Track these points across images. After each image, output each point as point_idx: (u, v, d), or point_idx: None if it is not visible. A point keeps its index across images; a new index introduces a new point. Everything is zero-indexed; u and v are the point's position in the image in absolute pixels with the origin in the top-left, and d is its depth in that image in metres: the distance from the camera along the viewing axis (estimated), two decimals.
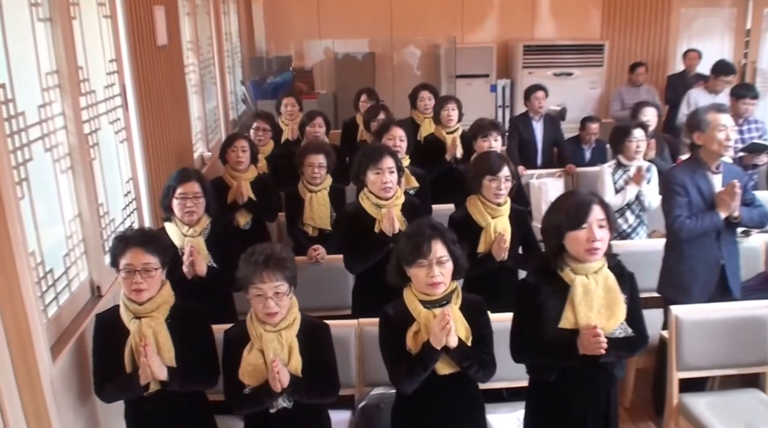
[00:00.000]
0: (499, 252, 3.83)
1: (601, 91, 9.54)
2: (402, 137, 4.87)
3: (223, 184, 4.80)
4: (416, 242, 2.82)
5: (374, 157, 3.84)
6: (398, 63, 9.80)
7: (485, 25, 9.75)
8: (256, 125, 5.71)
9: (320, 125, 5.85)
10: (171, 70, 4.81)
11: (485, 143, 4.91)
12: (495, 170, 3.86)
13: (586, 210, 2.76)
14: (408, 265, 2.85)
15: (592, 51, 9.40)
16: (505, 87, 9.51)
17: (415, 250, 2.81)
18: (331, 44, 9.58)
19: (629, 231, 5.18)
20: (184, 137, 5.12)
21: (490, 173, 3.86)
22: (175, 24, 5.04)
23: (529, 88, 7.03)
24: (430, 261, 2.80)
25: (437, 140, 5.86)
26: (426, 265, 2.81)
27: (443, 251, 2.84)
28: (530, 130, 7.03)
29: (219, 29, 6.95)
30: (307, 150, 4.75)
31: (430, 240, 2.81)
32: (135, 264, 2.82)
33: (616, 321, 2.82)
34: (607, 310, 2.80)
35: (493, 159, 3.93)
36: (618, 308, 2.81)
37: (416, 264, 2.82)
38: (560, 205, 2.85)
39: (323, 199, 4.73)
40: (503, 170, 3.87)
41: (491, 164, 3.89)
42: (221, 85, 7.02)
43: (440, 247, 2.83)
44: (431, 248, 2.81)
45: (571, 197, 2.85)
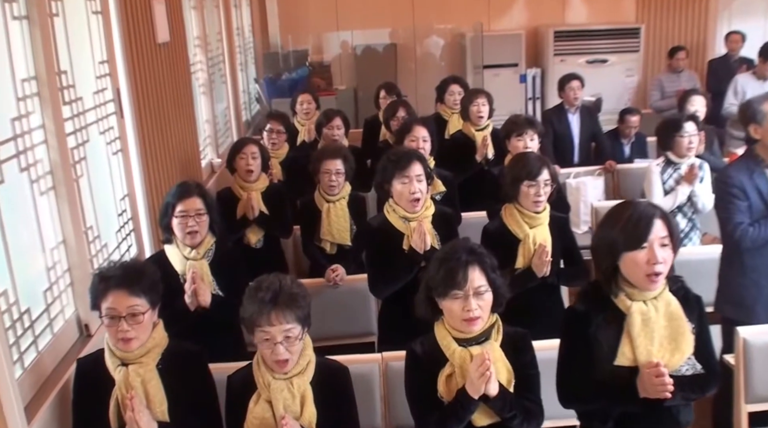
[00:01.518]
0: (540, 267, 3.43)
1: (638, 78, 9.05)
2: (426, 138, 4.47)
3: (231, 196, 4.43)
4: (450, 269, 2.43)
5: (401, 164, 3.45)
6: (421, 54, 9.38)
7: (513, 11, 9.29)
8: (269, 127, 5.33)
9: (339, 125, 5.46)
10: (174, 69, 4.45)
11: (520, 143, 4.50)
12: (533, 174, 3.46)
13: (647, 226, 2.34)
14: (440, 296, 2.47)
15: (627, 35, 8.90)
16: (536, 77, 9.04)
17: (449, 279, 2.42)
18: (349, 36, 9.18)
19: (681, 237, 4.74)
20: (190, 144, 4.76)
21: (527, 177, 3.47)
22: (179, 19, 4.67)
23: (563, 78, 6.59)
24: (466, 292, 2.42)
25: (466, 138, 5.46)
26: (461, 297, 2.42)
27: (482, 280, 2.45)
28: (565, 124, 6.60)
29: (229, 23, 6.58)
30: (323, 155, 4.36)
31: (466, 267, 2.43)
32: (119, 309, 2.45)
33: (682, 355, 2.41)
34: (671, 343, 2.40)
35: (530, 161, 3.53)
36: (684, 341, 2.41)
37: (450, 296, 2.44)
38: (614, 219, 2.42)
39: (342, 210, 4.35)
40: (542, 174, 3.47)
41: (529, 167, 3.49)
42: (232, 83, 6.65)
43: (478, 275, 2.45)
44: (467, 277, 2.42)
45: (627, 210, 2.41)
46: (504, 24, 9.21)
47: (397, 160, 3.47)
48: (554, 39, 8.81)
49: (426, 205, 3.52)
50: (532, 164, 3.51)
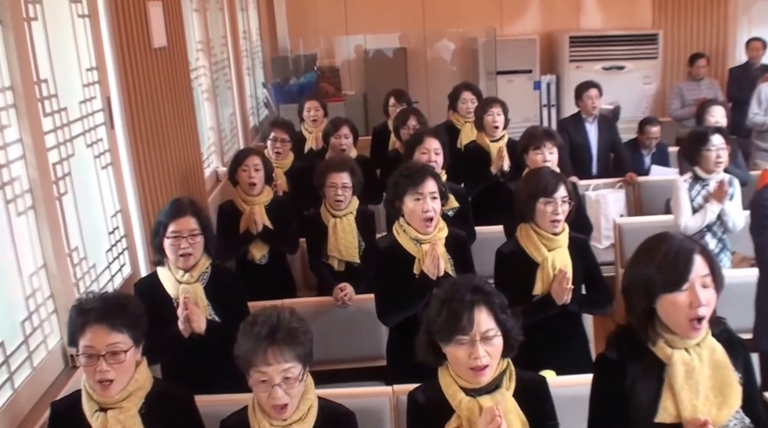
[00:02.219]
0: (560, 294, 3.14)
1: (656, 86, 8.71)
2: (438, 150, 4.19)
3: (234, 209, 4.17)
4: (453, 311, 2.14)
5: (414, 180, 3.18)
6: (432, 59, 9.08)
7: (526, 15, 8.97)
8: (273, 135, 5.06)
9: (346, 134, 5.18)
10: (173, 75, 4.17)
11: (538, 157, 4.20)
12: (549, 191, 3.17)
13: (686, 264, 2.03)
14: (443, 341, 2.18)
15: (645, 41, 8.57)
16: (550, 83, 8.72)
17: (453, 323, 2.13)
18: (359, 40, 8.89)
19: None
20: (191, 153, 4.49)
21: (543, 194, 3.18)
22: (178, 22, 4.40)
23: (580, 86, 6.30)
24: (473, 338, 2.12)
25: (480, 149, 5.18)
26: (467, 343, 2.13)
27: (490, 323, 2.15)
28: (583, 133, 6.31)
29: (234, 27, 6.30)
30: (328, 168, 4.09)
31: (471, 309, 2.13)
32: (98, 347, 2.17)
33: (730, 409, 2.09)
34: (717, 395, 2.09)
35: (545, 177, 3.24)
36: (732, 393, 2.09)
37: (454, 341, 2.14)
38: (649, 255, 2.11)
39: (349, 226, 4.08)
40: (559, 190, 3.19)
41: (544, 183, 3.20)
42: (239, 89, 6.38)
43: (486, 318, 2.15)
44: (473, 320, 2.12)
45: (662, 244, 2.09)
46: (517, 29, 8.90)
47: (410, 175, 3.20)
48: (570, 45, 8.49)
49: (439, 226, 3.26)
50: (548, 179, 3.22)
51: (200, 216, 3.07)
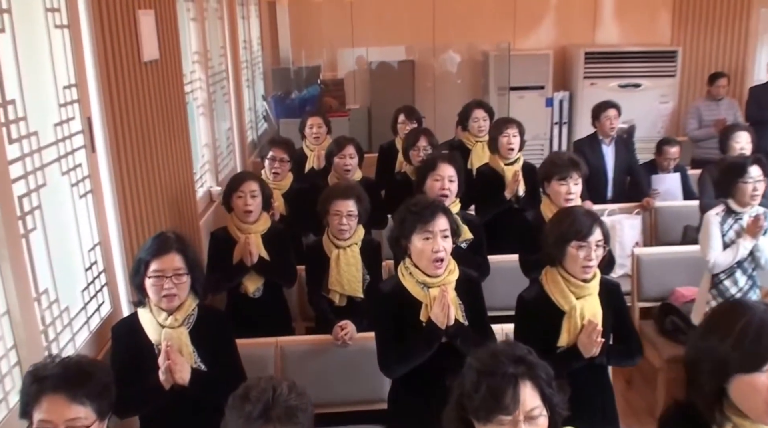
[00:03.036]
0: (589, 347, 2.83)
1: (673, 105, 8.39)
2: (452, 177, 3.88)
3: (227, 237, 3.85)
4: (494, 388, 1.80)
5: (423, 216, 2.87)
6: (440, 72, 8.76)
7: (540, 29, 8.64)
8: (272, 155, 4.74)
9: (351, 154, 4.85)
10: (164, 91, 3.85)
11: (562, 188, 3.88)
12: (584, 234, 2.86)
13: None
14: (481, 421, 1.84)
15: (663, 59, 8.25)
16: (563, 100, 8.39)
17: (494, 401, 1.79)
18: (365, 53, 8.56)
19: (739, 297, 4.12)
20: (183, 174, 4.16)
21: (576, 237, 2.86)
22: (173, 32, 4.08)
23: (599, 106, 6.00)
24: (516, 418, 1.79)
25: (493, 172, 4.88)
26: (508, 423, 1.80)
27: (535, 401, 1.82)
28: (599, 155, 6.01)
29: (234, 36, 5.98)
30: (332, 194, 3.77)
31: (516, 385, 1.80)
32: (55, 421, 1.85)
33: None
34: None
35: (579, 219, 2.91)
36: None
37: (494, 422, 1.80)
38: (724, 329, 1.80)
39: (353, 257, 3.77)
40: (594, 233, 2.87)
41: (578, 225, 2.88)
42: (237, 102, 6.05)
43: (531, 394, 1.82)
44: (518, 398, 1.79)
45: (741, 316, 1.79)
46: (530, 43, 8.58)
47: (419, 212, 2.88)
48: (585, 60, 8.16)
49: (449, 267, 2.93)
50: (582, 221, 2.90)
51: (186, 253, 2.75)
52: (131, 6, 3.35)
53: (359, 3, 8.00)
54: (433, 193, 3.84)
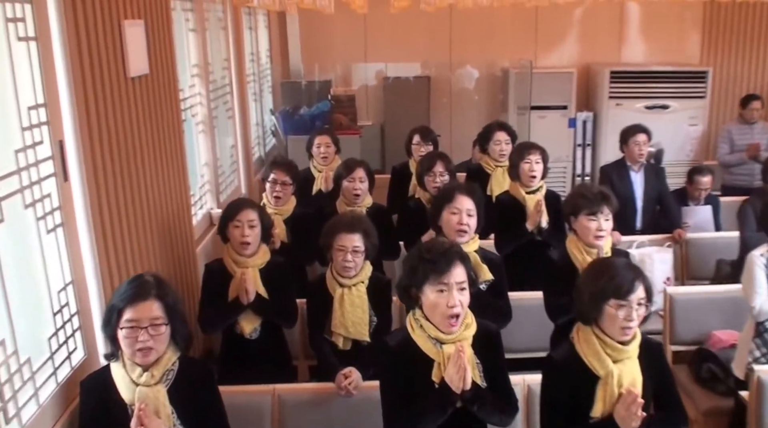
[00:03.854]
0: (627, 420, 2.46)
1: (702, 128, 7.99)
2: (471, 211, 3.51)
3: (222, 270, 3.50)
4: None
5: (437, 267, 2.51)
6: (457, 89, 8.39)
7: (563, 46, 8.26)
8: (273, 177, 4.38)
9: (362, 178, 4.49)
10: (156, 107, 3.51)
11: (592, 224, 3.50)
12: (624, 291, 2.48)
13: None
14: None
15: (692, 79, 7.84)
16: (587, 121, 8.01)
17: None
18: (378, 67, 8.21)
19: None
20: (177, 198, 3.81)
21: (616, 295, 2.48)
22: (167, 44, 3.74)
23: (627, 130, 5.62)
24: None
25: (514, 201, 4.51)
26: None
27: None
28: (627, 183, 5.63)
29: (240, 48, 5.63)
30: (337, 228, 3.41)
31: None
32: None
33: None
34: None
35: (620, 274, 2.53)
36: None
37: None
38: None
39: (359, 298, 3.41)
40: (637, 291, 2.50)
41: (618, 281, 2.51)
42: (241, 117, 5.70)
43: None
44: None
45: None
46: (552, 61, 8.19)
47: (433, 260, 2.51)
48: (610, 80, 7.78)
49: (466, 322, 2.57)
50: (623, 277, 2.51)
51: (166, 300, 2.41)
52: (115, 16, 3.00)
53: (373, 16, 7.64)
54: (450, 227, 3.48)
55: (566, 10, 7.91)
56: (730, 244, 5.43)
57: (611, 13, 8.13)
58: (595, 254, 3.46)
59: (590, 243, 3.49)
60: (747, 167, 6.88)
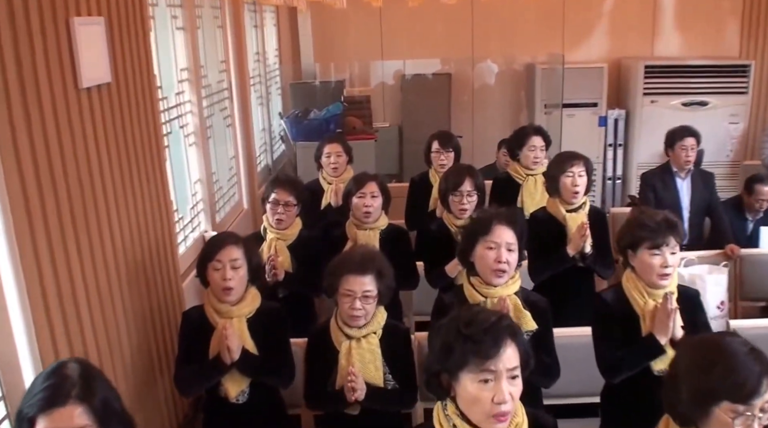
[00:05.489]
0: None
1: (744, 126, 7.15)
2: (512, 245, 2.76)
3: (202, 320, 2.79)
4: None
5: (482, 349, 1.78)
6: (479, 86, 7.60)
7: (592, 40, 7.43)
8: (275, 198, 3.66)
9: (374, 193, 3.75)
10: (124, 122, 2.80)
11: (655, 259, 2.72)
12: (747, 394, 1.71)
13: None
14: None
15: (733, 73, 7.00)
16: (618, 119, 7.19)
17: None
18: (396, 66, 7.43)
19: None
20: (155, 226, 3.10)
21: (733, 398, 1.71)
22: (141, 46, 3.02)
23: (674, 133, 4.86)
24: None
25: (552, 219, 3.77)
26: None
27: None
28: (673, 191, 4.88)
29: (240, 48, 4.89)
30: (343, 268, 2.70)
31: None
32: None
33: None
34: None
35: (743, 366, 1.73)
36: None
37: None
38: None
39: (370, 352, 2.72)
40: (764, 392, 1.71)
41: (739, 378, 1.72)
42: (243, 125, 4.97)
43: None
44: None
45: None
46: (580, 55, 7.36)
47: (477, 339, 1.78)
48: (644, 75, 6.96)
49: (516, 421, 1.83)
50: (746, 371, 1.71)
51: (93, 401, 1.69)
52: (61, 13, 2.29)
53: (389, 11, 6.87)
54: (486, 265, 2.73)
55: (595, 2, 7.11)
56: None
57: (643, 3, 7.31)
58: (660, 296, 2.71)
59: (654, 284, 2.73)
60: None
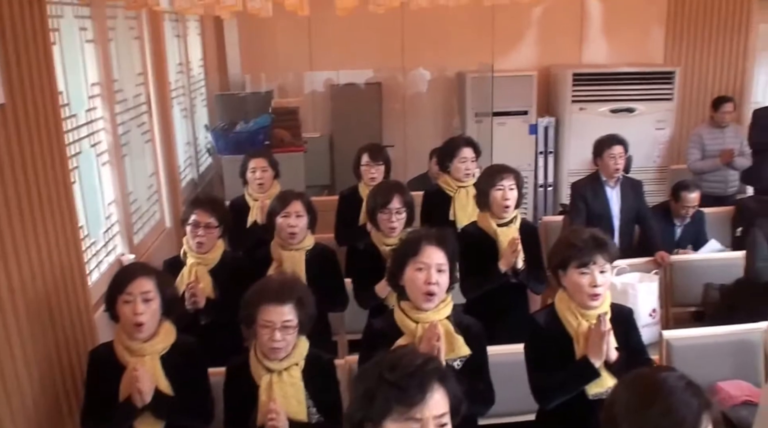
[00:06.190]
0: None
1: (670, 132, 7.17)
2: (443, 266, 2.58)
3: (110, 359, 2.54)
4: None
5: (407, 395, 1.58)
6: (411, 95, 7.45)
7: (520, 48, 7.33)
8: (195, 219, 3.42)
9: (299, 213, 3.54)
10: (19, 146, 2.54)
11: (584, 279, 2.59)
12: None
13: None
14: None
15: (658, 80, 7.00)
16: (548, 127, 7.13)
17: None
18: (326, 76, 7.22)
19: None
20: (59, 256, 2.85)
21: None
22: (42, 61, 2.76)
23: (602, 141, 4.81)
24: None
25: (482, 234, 3.64)
26: None
27: None
28: (603, 200, 4.83)
29: (160, 60, 4.62)
30: (260, 297, 2.50)
31: None
32: None
33: None
34: None
35: (681, 404, 1.58)
36: None
37: None
38: None
39: (293, 385, 2.54)
40: None
41: (677, 416, 1.57)
42: (164, 139, 4.70)
43: None
44: None
45: None
46: (510, 63, 7.26)
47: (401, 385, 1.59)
48: (573, 82, 6.91)
49: None
50: (684, 409, 1.55)
51: None
52: None
53: (318, 21, 6.65)
54: (415, 287, 2.54)
55: (524, 10, 7.04)
56: (717, 266, 4.67)
57: (571, 11, 7.27)
58: (594, 317, 2.58)
59: (585, 303, 2.61)
60: (720, 174, 6.15)
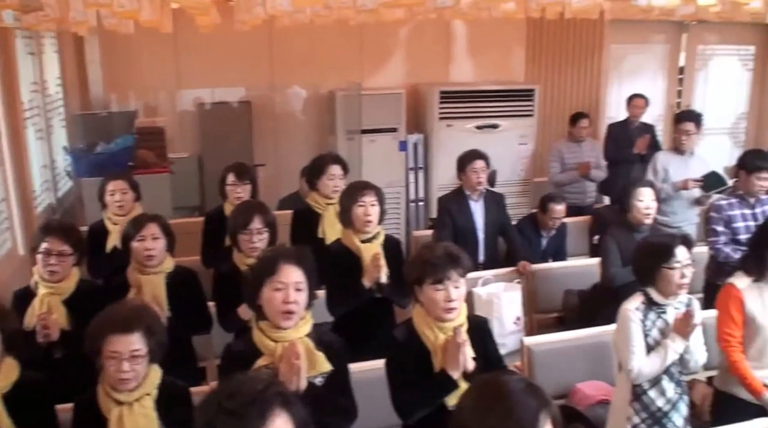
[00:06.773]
0: None
1: (532, 147, 7.41)
2: (301, 284, 2.50)
3: None
4: None
5: (246, 422, 1.50)
6: (282, 114, 7.32)
7: (389, 66, 7.38)
8: (46, 247, 3.21)
9: (155, 235, 3.39)
10: None
11: (439, 294, 2.57)
12: None
13: None
14: None
15: (520, 97, 7.23)
16: (418, 144, 7.19)
17: None
18: (195, 94, 7.00)
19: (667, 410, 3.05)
20: None
21: None
22: None
23: (464, 157, 4.91)
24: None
25: (346, 251, 3.62)
26: None
27: None
28: (467, 213, 4.93)
29: (10, 79, 4.33)
30: (105, 328, 2.36)
31: None
32: None
33: None
34: None
35: (520, 405, 1.49)
36: None
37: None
38: None
39: (145, 416, 2.42)
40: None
41: (517, 416, 1.48)
42: (15, 163, 4.40)
43: None
44: None
45: None
46: (379, 81, 7.29)
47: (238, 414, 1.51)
48: (440, 100, 7.03)
49: None
50: (522, 410, 1.48)
51: None
52: None
53: (184, 38, 6.42)
54: (274, 307, 2.45)
55: (392, 29, 7.08)
56: (577, 273, 4.89)
57: (438, 31, 7.39)
58: (450, 329, 2.59)
59: (440, 318, 2.62)
60: (579, 186, 6.47)
